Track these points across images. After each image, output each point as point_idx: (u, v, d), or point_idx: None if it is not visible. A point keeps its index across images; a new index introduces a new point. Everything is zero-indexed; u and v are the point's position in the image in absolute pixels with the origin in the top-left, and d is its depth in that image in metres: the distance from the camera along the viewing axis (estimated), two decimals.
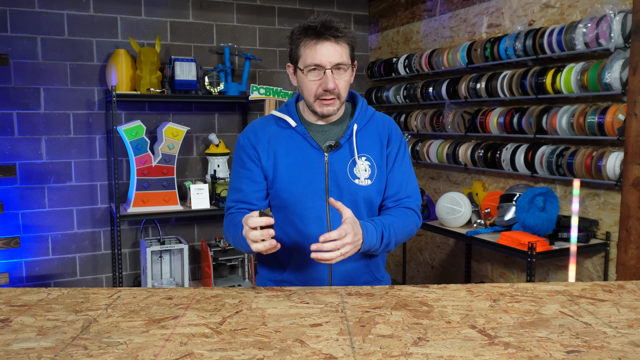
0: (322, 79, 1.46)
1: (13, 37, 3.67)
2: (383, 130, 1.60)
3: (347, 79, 1.50)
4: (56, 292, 1.43)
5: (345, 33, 1.46)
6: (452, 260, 4.08)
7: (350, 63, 1.50)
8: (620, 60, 2.65)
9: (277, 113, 1.59)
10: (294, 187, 1.51)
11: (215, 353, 1.05)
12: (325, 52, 1.44)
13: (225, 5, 4.28)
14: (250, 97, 3.93)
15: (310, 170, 1.52)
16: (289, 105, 1.61)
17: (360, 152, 1.55)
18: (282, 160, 1.54)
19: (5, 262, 3.73)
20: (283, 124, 1.57)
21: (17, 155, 3.74)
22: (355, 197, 1.53)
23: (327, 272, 1.55)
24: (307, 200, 1.52)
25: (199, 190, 3.86)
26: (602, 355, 1.05)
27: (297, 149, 1.54)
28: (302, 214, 1.53)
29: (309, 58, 1.46)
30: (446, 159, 3.83)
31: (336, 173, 1.52)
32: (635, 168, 2.62)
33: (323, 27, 1.44)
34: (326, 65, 1.44)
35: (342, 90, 1.49)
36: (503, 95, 3.30)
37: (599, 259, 2.95)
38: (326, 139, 1.55)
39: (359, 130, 1.56)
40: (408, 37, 4.42)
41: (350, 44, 1.48)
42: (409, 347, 1.09)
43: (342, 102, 1.52)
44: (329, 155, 1.53)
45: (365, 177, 1.54)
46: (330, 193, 1.52)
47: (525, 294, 1.42)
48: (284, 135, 1.56)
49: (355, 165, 1.53)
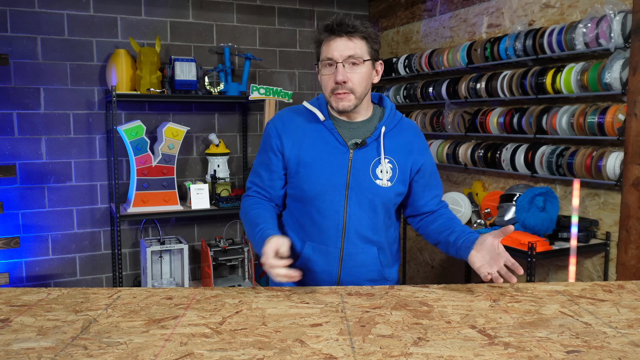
0: (334, 73, 1.50)
1: (13, 37, 3.67)
2: (411, 138, 1.63)
3: (363, 73, 1.51)
4: (56, 292, 1.43)
5: (358, 29, 1.49)
6: (452, 260, 4.08)
7: (367, 58, 1.52)
8: (620, 60, 2.65)
9: (308, 105, 1.62)
10: (315, 180, 1.55)
11: (215, 353, 1.05)
12: (337, 46, 1.48)
13: (225, 5, 4.28)
14: (250, 97, 3.92)
15: (333, 165, 1.55)
16: (321, 99, 1.63)
17: (386, 154, 1.57)
18: (307, 152, 1.56)
19: (5, 262, 3.73)
20: (312, 117, 1.60)
21: (17, 155, 3.74)
22: (374, 196, 1.56)
23: (338, 265, 1.58)
24: (327, 194, 1.55)
25: (199, 190, 3.86)
26: (602, 355, 1.05)
27: (323, 142, 1.57)
28: (320, 207, 1.56)
29: (323, 54, 1.52)
30: (446, 159, 3.83)
31: (358, 171, 1.55)
32: (635, 168, 2.62)
33: (336, 24, 1.49)
34: (338, 59, 1.48)
35: (355, 84, 1.50)
36: (503, 95, 3.30)
37: (599, 259, 2.95)
38: (352, 136, 1.58)
39: (386, 133, 1.59)
40: (408, 37, 4.42)
41: (366, 40, 1.51)
42: (409, 347, 1.09)
43: (359, 98, 1.53)
44: (354, 153, 1.55)
45: (387, 179, 1.56)
46: (350, 189, 1.54)
47: (525, 294, 1.42)
48: (312, 127, 1.59)
49: (379, 165, 1.56)
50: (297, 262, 1.61)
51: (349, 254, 1.57)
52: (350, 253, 1.57)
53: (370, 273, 1.61)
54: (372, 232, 1.58)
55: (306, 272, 1.59)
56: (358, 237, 1.57)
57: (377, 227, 1.59)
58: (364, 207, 1.56)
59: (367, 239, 1.58)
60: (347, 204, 1.55)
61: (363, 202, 1.56)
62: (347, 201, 1.55)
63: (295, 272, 1.39)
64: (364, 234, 1.57)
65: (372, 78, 1.57)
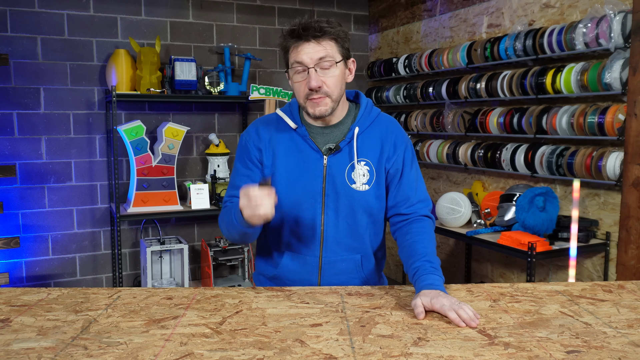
0: (306, 78, 1.44)
1: (13, 37, 3.67)
2: (387, 135, 1.56)
3: (336, 75, 1.45)
4: (56, 292, 1.43)
5: (326, 31, 1.42)
6: (452, 260, 4.08)
7: (339, 59, 1.45)
8: (620, 60, 2.65)
9: (280, 113, 1.58)
10: (291, 189, 1.50)
11: (215, 353, 1.05)
12: (307, 51, 1.42)
13: (225, 5, 4.28)
14: (250, 97, 3.92)
15: (308, 172, 1.51)
16: (292, 105, 1.59)
17: (360, 156, 1.52)
18: (281, 162, 1.52)
19: (5, 262, 3.73)
20: (285, 125, 1.56)
21: (17, 155, 3.74)
22: (352, 201, 1.51)
23: (317, 274, 1.54)
24: (303, 203, 1.51)
25: (199, 190, 3.86)
26: (602, 355, 1.05)
27: (297, 150, 1.52)
28: (297, 216, 1.52)
29: (292, 60, 1.45)
30: (446, 159, 3.83)
31: (334, 177, 1.50)
32: (635, 168, 2.62)
33: (302, 28, 1.42)
34: (309, 63, 1.42)
35: (331, 87, 1.45)
36: (503, 95, 3.30)
37: (599, 259, 2.95)
38: (327, 141, 1.53)
39: (360, 133, 1.53)
40: (408, 37, 4.42)
41: (335, 40, 1.44)
42: (409, 347, 1.09)
43: (335, 101, 1.47)
44: (328, 159, 1.51)
45: (363, 182, 1.51)
46: (327, 196, 1.50)
47: (525, 294, 1.42)
48: (285, 136, 1.54)
49: (354, 169, 1.51)
50: (276, 271, 1.58)
51: (329, 262, 1.53)
52: (330, 261, 1.53)
53: (352, 280, 1.56)
54: (352, 239, 1.53)
55: (285, 281, 1.56)
56: (337, 245, 1.52)
57: (357, 234, 1.54)
58: (341, 214, 1.51)
59: (347, 247, 1.53)
60: (324, 211, 1.50)
61: (340, 209, 1.51)
62: (324, 209, 1.50)
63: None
64: (343, 241, 1.52)
65: (346, 78, 1.51)
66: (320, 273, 1.54)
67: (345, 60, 1.49)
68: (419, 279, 1.37)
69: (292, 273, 1.56)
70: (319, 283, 1.55)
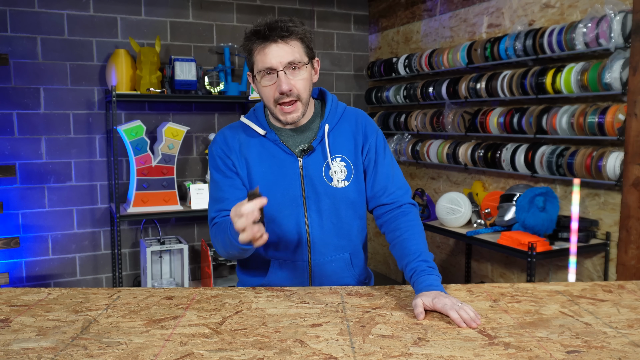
0: (276, 82, 1.40)
1: (13, 37, 3.67)
2: (356, 127, 1.54)
3: (305, 78, 1.43)
4: (56, 292, 1.43)
5: (293, 31, 1.39)
6: (452, 260, 4.08)
7: (307, 61, 1.43)
8: (621, 60, 2.65)
9: (245, 120, 1.53)
10: (270, 196, 1.42)
11: (215, 353, 1.05)
12: (275, 53, 1.38)
13: (225, 5, 4.28)
14: (250, 97, 3.93)
15: (285, 177, 1.48)
16: (257, 110, 1.54)
17: (334, 153, 1.50)
18: (256, 169, 1.49)
19: (5, 262, 3.73)
20: (253, 132, 1.51)
21: (17, 155, 3.74)
22: (333, 199, 1.49)
23: (307, 278, 1.53)
24: (285, 208, 1.48)
25: (199, 190, 3.86)
26: (602, 355, 1.05)
27: (270, 156, 1.49)
28: (280, 222, 1.49)
29: (259, 63, 1.41)
30: (446, 159, 3.83)
31: (311, 177, 1.48)
32: (635, 168, 2.62)
33: (268, 29, 1.38)
34: (278, 67, 1.38)
35: (301, 90, 1.42)
36: (503, 95, 3.30)
37: (599, 259, 2.95)
38: (298, 143, 1.50)
39: (330, 130, 1.51)
40: (408, 37, 4.42)
41: (302, 40, 1.42)
42: (409, 347, 1.09)
43: (305, 104, 1.45)
44: (303, 160, 1.48)
45: (342, 179, 1.49)
46: (307, 198, 1.48)
47: (525, 294, 1.42)
48: (255, 143, 1.50)
49: (330, 167, 1.49)
50: (263, 280, 1.55)
51: (318, 264, 1.51)
52: (319, 264, 1.51)
53: (344, 279, 1.54)
54: (339, 238, 1.52)
55: None
56: (324, 246, 1.50)
57: (343, 232, 1.52)
58: (325, 214, 1.49)
59: (335, 246, 1.52)
60: (307, 214, 1.48)
61: (323, 209, 1.48)
62: (307, 211, 1.48)
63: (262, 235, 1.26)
64: (330, 241, 1.51)
65: (312, 79, 1.48)
66: (310, 276, 1.52)
67: (311, 60, 1.46)
68: (417, 280, 1.36)
69: (282, 280, 1.53)
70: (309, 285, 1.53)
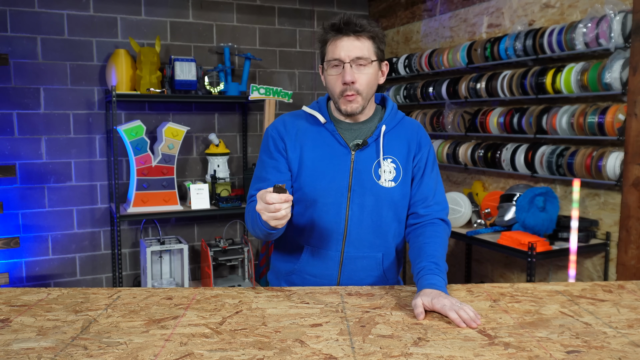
0: (341, 73, 1.47)
1: (13, 37, 3.67)
2: (412, 135, 1.60)
3: (369, 74, 1.49)
4: (56, 292, 1.43)
5: (366, 28, 1.47)
6: (452, 260, 4.08)
7: (374, 59, 1.50)
8: (621, 60, 2.65)
9: (307, 109, 1.60)
10: (317, 183, 1.52)
11: (215, 353, 1.05)
12: (345, 46, 1.46)
13: (225, 5, 4.28)
14: (250, 97, 3.92)
15: (335, 167, 1.53)
16: (320, 102, 1.62)
17: (387, 153, 1.55)
18: (308, 155, 1.54)
19: (5, 262, 3.73)
20: (312, 120, 1.59)
21: (17, 155, 3.74)
22: (377, 197, 1.53)
23: (337, 270, 1.55)
24: (329, 197, 1.52)
25: (199, 190, 3.86)
26: (602, 355, 1.05)
27: (325, 145, 1.55)
28: (321, 210, 1.53)
29: (329, 54, 1.49)
30: (446, 159, 3.83)
31: (360, 172, 1.52)
32: (635, 168, 2.62)
33: (344, 23, 1.47)
34: (345, 59, 1.46)
35: (362, 85, 1.48)
36: (503, 95, 3.30)
37: (599, 259, 2.95)
38: (354, 137, 1.56)
39: (387, 132, 1.57)
40: (408, 37, 4.42)
41: (373, 40, 1.49)
42: (409, 347, 1.09)
43: (365, 99, 1.51)
44: (356, 154, 1.53)
45: (389, 179, 1.54)
46: (353, 192, 1.52)
47: (525, 294, 1.42)
48: (313, 130, 1.57)
49: (380, 166, 1.53)
50: (295, 266, 1.58)
51: (350, 258, 1.54)
52: (351, 257, 1.54)
53: (371, 278, 1.57)
54: (375, 236, 1.54)
55: (305, 276, 1.57)
56: (360, 241, 1.53)
57: (381, 231, 1.55)
58: (366, 210, 1.52)
59: (370, 244, 1.54)
60: (349, 206, 1.52)
61: (366, 205, 1.52)
62: (350, 204, 1.52)
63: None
64: (366, 237, 1.54)
65: (378, 79, 1.54)
66: (340, 269, 1.55)
67: (379, 61, 1.53)
68: (422, 278, 1.38)
69: (312, 267, 1.56)
70: (338, 278, 1.56)
